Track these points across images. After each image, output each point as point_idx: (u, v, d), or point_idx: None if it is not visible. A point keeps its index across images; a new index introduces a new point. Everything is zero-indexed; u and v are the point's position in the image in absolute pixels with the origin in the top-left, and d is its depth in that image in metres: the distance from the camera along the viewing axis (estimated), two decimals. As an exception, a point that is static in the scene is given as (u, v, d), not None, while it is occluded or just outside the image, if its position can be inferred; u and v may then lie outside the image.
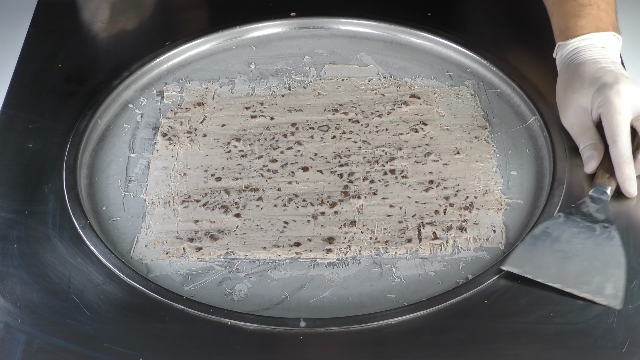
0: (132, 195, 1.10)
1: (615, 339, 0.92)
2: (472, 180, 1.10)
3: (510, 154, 1.13)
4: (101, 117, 1.19)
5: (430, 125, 1.17)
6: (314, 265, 1.01)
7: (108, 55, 1.28)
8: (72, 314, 0.96)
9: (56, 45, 1.30)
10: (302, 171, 1.12)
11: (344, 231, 1.05)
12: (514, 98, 1.20)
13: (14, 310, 0.96)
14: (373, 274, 1.00)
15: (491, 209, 1.06)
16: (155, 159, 1.14)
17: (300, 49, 1.30)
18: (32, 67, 1.27)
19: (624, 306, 0.94)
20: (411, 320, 0.94)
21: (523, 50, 1.27)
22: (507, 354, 0.91)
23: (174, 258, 1.02)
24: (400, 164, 1.12)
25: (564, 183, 1.07)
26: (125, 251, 1.03)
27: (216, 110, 1.21)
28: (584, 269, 0.97)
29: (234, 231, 1.05)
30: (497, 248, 1.02)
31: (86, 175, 1.12)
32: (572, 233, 1.00)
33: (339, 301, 0.98)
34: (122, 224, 1.06)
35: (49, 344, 0.93)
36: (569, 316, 0.94)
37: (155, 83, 1.25)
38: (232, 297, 0.98)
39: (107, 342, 0.93)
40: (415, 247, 1.03)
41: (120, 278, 0.99)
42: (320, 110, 1.20)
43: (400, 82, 1.24)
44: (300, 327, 0.94)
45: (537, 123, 1.15)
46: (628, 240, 1.01)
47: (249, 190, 1.09)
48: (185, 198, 1.09)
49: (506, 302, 0.96)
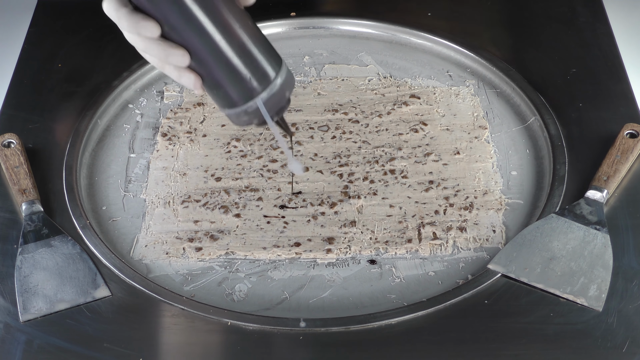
0: (132, 195, 1.10)
1: (615, 339, 0.92)
2: (472, 180, 1.10)
3: (510, 154, 1.13)
4: (101, 117, 1.19)
5: (430, 125, 1.17)
6: (314, 265, 1.01)
7: (108, 55, 1.28)
8: (72, 314, 0.96)
9: (56, 45, 1.30)
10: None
11: (344, 231, 1.05)
12: (514, 98, 1.20)
13: (14, 310, 0.96)
14: (373, 274, 1.00)
15: (491, 209, 1.06)
16: (155, 159, 1.14)
17: (300, 49, 1.30)
18: (32, 67, 1.27)
19: (624, 306, 0.94)
20: (411, 320, 0.95)
21: (523, 51, 1.27)
22: (507, 354, 0.91)
23: (174, 258, 1.02)
24: (400, 164, 1.12)
25: (564, 183, 1.07)
26: (125, 251, 1.03)
27: (216, 110, 1.21)
28: (569, 269, 0.97)
29: (234, 231, 1.05)
30: (497, 248, 1.02)
31: (86, 175, 1.12)
32: (562, 234, 1.01)
33: (339, 301, 0.98)
34: (122, 224, 1.06)
35: (49, 344, 0.93)
36: (569, 316, 0.94)
37: (155, 83, 1.25)
38: (232, 297, 0.98)
39: (107, 342, 0.93)
40: (415, 247, 1.03)
41: (120, 278, 0.99)
42: (320, 110, 1.20)
43: (400, 82, 1.24)
44: (300, 327, 0.94)
45: (537, 123, 1.15)
46: (628, 240, 1.01)
47: (249, 190, 1.09)
48: (185, 198, 1.09)
49: (506, 302, 0.96)
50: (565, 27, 1.30)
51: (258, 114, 0.87)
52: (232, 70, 0.84)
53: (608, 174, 1.06)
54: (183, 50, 0.82)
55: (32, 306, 0.96)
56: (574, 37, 1.28)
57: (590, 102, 1.18)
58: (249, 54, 0.84)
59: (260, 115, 0.87)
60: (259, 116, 0.87)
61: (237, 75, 0.85)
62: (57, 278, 0.98)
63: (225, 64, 0.84)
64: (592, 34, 1.28)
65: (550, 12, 1.33)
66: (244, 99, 0.86)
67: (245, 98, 0.86)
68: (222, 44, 0.83)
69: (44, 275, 0.98)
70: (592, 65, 1.23)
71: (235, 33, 0.84)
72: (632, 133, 1.10)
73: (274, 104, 0.87)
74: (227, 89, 0.86)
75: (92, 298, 0.97)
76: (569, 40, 1.28)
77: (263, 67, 0.86)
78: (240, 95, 0.86)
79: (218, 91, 0.86)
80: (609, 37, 1.27)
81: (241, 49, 0.84)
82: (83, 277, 0.99)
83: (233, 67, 0.84)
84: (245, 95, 0.86)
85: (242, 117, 0.87)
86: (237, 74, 0.85)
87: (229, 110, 0.87)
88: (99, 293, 0.97)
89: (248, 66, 0.85)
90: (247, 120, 0.88)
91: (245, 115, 0.87)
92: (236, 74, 0.85)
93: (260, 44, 0.86)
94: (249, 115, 0.87)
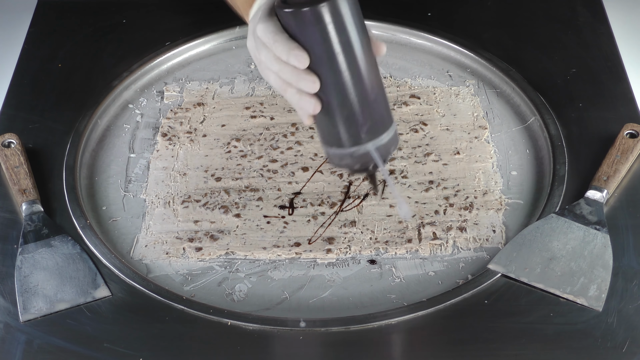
0: (132, 195, 1.10)
1: (615, 339, 0.92)
2: (472, 180, 1.10)
3: (510, 154, 1.13)
4: (101, 117, 1.19)
5: (430, 125, 1.17)
6: (314, 265, 1.01)
7: (108, 55, 1.28)
8: (72, 314, 0.96)
9: (56, 45, 1.30)
10: (302, 171, 1.12)
11: (344, 231, 1.04)
12: (514, 98, 1.20)
13: (14, 310, 0.96)
14: (373, 274, 1.00)
15: (491, 209, 1.06)
16: (155, 159, 1.14)
17: (300, 49, 1.30)
18: (32, 67, 1.27)
19: (624, 306, 0.94)
20: (411, 320, 0.95)
21: (523, 50, 1.27)
22: (507, 354, 0.91)
23: (174, 258, 1.02)
24: (400, 164, 1.12)
25: (564, 183, 1.07)
26: (125, 251, 1.03)
27: (216, 110, 1.21)
28: (569, 269, 0.97)
29: (234, 231, 1.05)
30: (497, 248, 1.02)
31: (86, 175, 1.12)
32: (562, 234, 1.01)
33: (339, 301, 0.98)
34: (122, 224, 1.06)
35: (49, 344, 0.93)
36: (569, 316, 0.94)
37: (155, 83, 1.25)
38: (232, 297, 0.98)
39: (107, 342, 0.93)
40: (415, 247, 1.03)
41: (120, 278, 0.99)
42: (320, 110, 1.20)
43: (400, 82, 1.24)
44: (300, 327, 0.94)
45: (537, 123, 1.15)
46: (628, 240, 1.01)
47: (249, 191, 1.09)
48: (185, 198, 1.09)
49: (506, 302, 0.96)
50: (565, 27, 1.30)
51: (363, 159, 0.88)
52: (355, 111, 0.86)
53: (608, 174, 1.06)
54: (315, 77, 0.84)
55: (32, 306, 0.96)
56: (574, 37, 1.28)
57: (590, 102, 1.18)
58: (376, 100, 0.86)
59: (364, 161, 0.88)
60: (363, 161, 0.88)
61: (358, 116, 0.86)
62: (57, 278, 0.98)
63: (351, 102, 0.85)
64: (592, 34, 1.28)
65: (550, 12, 1.33)
66: (355, 141, 0.87)
67: (357, 141, 0.87)
68: (355, 83, 0.85)
69: (44, 275, 0.98)
70: (592, 65, 1.23)
71: (369, 76, 0.85)
72: (632, 133, 1.10)
73: (381, 155, 0.88)
74: (342, 127, 0.87)
75: (92, 298, 0.97)
76: (569, 40, 1.28)
77: (382, 116, 0.87)
78: (354, 138, 0.87)
79: (331, 127, 0.87)
80: (609, 37, 1.27)
81: (371, 92, 0.86)
82: (83, 277, 0.99)
83: (357, 108, 0.86)
84: (358, 138, 0.87)
85: (346, 160, 0.88)
86: (358, 115, 0.86)
87: (336, 149, 0.88)
88: (99, 293, 0.97)
89: (371, 110, 0.86)
90: (349, 164, 0.89)
91: (350, 158, 0.88)
92: (357, 115, 0.86)
93: (383, 95, 0.87)
94: (353, 158, 0.88)
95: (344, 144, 0.87)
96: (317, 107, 0.86)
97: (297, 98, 0.87)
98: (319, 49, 0.83)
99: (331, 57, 0.83)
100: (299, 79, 0.85)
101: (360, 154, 0.87)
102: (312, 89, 0.85)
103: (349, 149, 0.88)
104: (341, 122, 0.86)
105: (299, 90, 0.86)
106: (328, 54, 0.83)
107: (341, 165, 0.89)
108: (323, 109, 0.86)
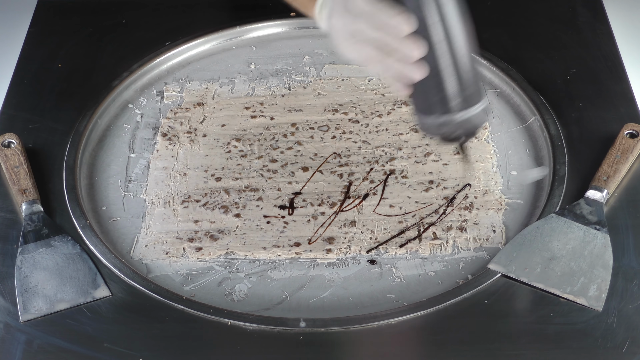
0: (132, 195, 1.10)
1: (615, 339, 0.92)
2: (472, 180, 1.10)
3: (510, 154, 1.13)
4: (101, 117, 1.19)
5: (430, 125, 1.17)
6: (314, 265, 1.01)
7: (108, 55, 1.28)
8: (72, 314, 0.96)
9: (56, 45, 1.30)
10: (302, 171, 1.12)
11: (344, 231, 1.04)
12: (514, 98, 1.20)
13: (14, 310, 0.96)
14: (373, 274, 1.00)
15: (491, 209, 1.06)
16: (155, 159, 1.14)
17: (300, 49, 1.30)
18: (32, 67, 1.27)
19: (624, 306, 0.94)
20: (411, 320, 0.94)
21: (523, 50, 1.27)
22: (507, 354, 0.91)
23: (174, 258, 1.02)
24: (400, 164, 1.12)
25: (564, 183, 1.07)
26: (125, 251, 1.03)
27: (216, 110, 1.21)
28: (569, 269, 0.97)
29: (234, 231, 1.05)
30: (497, 248, 1.02)
31: (86, 175, 1.12)
32: (562, 234, 1.01)
33: (339, 301, 0.98)
34: (122, 224, 1.06)
35: (49, 344, 0.93)
36: (569, 316, 0.94)
37: (155, 83, 1.25)
38: (232, 297, 0.98)
39: (107, 342, 0.93)
40: (415, 247, 1.03)
41: (120, 278, 0.99)
42: (320, 110, 1.20)
43: (400, 82, 1.24)
44: (300, 327, 0.94)
45: (537, 123, 1.15)
46: (628, 240, 1.01)
47: (249, 190, 1.09)
48: (185, 198, 1.09)
49: (506, 302, 0.96)
50: (565, 27, 1.30)
51: (467, 124, 0.88)
52: (464, 74, 0.85)
53: (608, 174, 1.06)
54: (422, 41, 0.83)
55: (32, 306, 0.96)
56: (574, 37, 1.28)
57: (590, 102, 1.18)
58: (476, 69, 0.86)
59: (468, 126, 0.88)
60: (466, 127, 0.88)
61: (467, 79, 0.86)
62: (57, 278, 0.98)
63: (460, 65, 0.85)
64: (592, 34, 1.28)
65: (550, 12, 1.33)
66: (464, 106, 0.87)
67: (465, 105, 0.87)
68: (463, 45, 0.85)
69: (44, 275, 0.98)
70: (592, 65, 1.23)
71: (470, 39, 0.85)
72: (632, 133, 1.10)
73: (471, 126, 0.89)
74: (450, 92, 0.86)
75: (92, 298, 0.97)
76: (569, 40, 1.28)
77: (479, 87, 0.87)
78: (466, 101, 0.87)
79: (435, 93, 0.86)
80: (609, 37, 1.27)
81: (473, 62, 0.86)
82: (83, 277, 0.99)
83: (467, 70, 0.85)
84: (469, 101, 0.87)
85: (446, 127, 0.88)
86: (468, 78, 0.86)
87: (436, 117, 0.88)
88: (99, 293, 0.97)
89: (475, 73, 0.86)
90: (447, 131, 0.88)
91: (453, 125, 0.88)
92: (466, 78, 0.85)
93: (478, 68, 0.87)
94: (456, 125, 0.88)
95: (451, 109, 0.87)
96: (423, 72, 0.84)
97: (399, 66, 0.85)
98: (429, 10, 0.82)
99: (444, 18, 0.83)
100: (403, 44, 0.83)
101: (466, 117, 0.87)
102: (419, 54, 0.83)
103: (456, 114, 0.87)
104: (450, 86, 0.85)
105: (401, 58, 0.84)
106: (440, 15, 0.83)
107: (439, 133, 0.89)
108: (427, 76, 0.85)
